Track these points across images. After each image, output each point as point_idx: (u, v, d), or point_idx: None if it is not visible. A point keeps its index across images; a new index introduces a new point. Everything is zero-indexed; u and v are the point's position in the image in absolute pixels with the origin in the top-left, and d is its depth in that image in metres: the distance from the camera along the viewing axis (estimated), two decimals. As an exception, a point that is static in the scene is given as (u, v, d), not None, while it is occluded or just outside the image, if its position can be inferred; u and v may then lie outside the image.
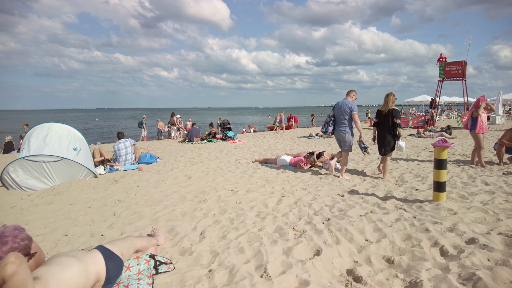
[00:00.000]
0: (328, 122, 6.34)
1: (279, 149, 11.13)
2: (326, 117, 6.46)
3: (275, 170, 7.16)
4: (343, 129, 6.12)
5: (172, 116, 19.40)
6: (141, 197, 5.19)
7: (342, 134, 6.14)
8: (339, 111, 6.12)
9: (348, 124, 6.10)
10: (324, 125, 6.43)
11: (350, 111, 6.02)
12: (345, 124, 6.10)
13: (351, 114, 6.03)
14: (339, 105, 6.15)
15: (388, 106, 5.95)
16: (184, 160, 9.07)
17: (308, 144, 12.57)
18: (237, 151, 10.83)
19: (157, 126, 20.91)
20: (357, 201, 4.66)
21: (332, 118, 6.29)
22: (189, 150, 11.65)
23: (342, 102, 6.15)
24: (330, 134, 6.43)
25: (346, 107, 6.03)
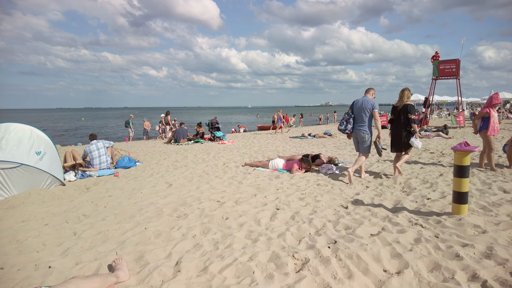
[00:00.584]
0: (347, 120, 5.93)
1: (270, 150, 10.42)
2: (344, 115, 6.09)
3: (268, 175, 6.45)
4: (363, 129, 5.77)
5: (167, 114, 18.47)
6: (111, 210, 4.41)
7: (362, 133, 5.79)
8: (359, 109, 5.77)
9: (368, 123, 5.77)
10: (343, 122, 5.99)
11: (371, 109, 5.67)
12: (365, 123, 5.76)
13: (371, 112, 5.67)
14: (359, 103, 5.79)
15: (403, 101, 5.68)
16: (166, 164, 8.28)
17: (301, 145, 11.91)
18: (226, 153, 10.08)
19: (143, 126, 20.01)
20: (364, 214, 3.99)
21: (352, 116, 5.91)
22: (174, 152, 10.85)
23: (362, 99, 5.79)
24: (349, 133, 6.03)
25: (368, 105, 5.68)
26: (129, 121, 19.75)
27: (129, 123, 19.71)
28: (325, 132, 15.04)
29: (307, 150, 10.12)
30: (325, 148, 10.64)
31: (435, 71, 19.24)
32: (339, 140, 13.31)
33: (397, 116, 5.83)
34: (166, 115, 18.35)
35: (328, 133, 14.97)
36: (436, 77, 19.39)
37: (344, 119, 6.00)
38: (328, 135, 14.62)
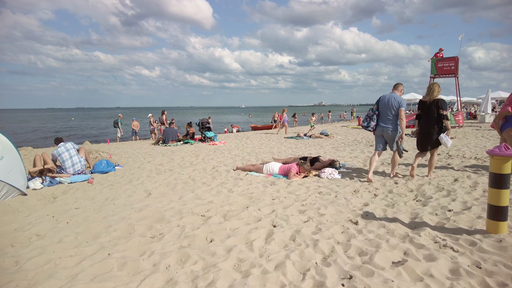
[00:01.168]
0: (371, 116, 5.70)
1: (264, 152, 9.69)
2: (368, 111, 5.85)
3: (262, 181, 5.72)
4: (389, 126, 5.52)
5: (163, 114, 17.59)
6: (74, 228, 3.63)
7: (388, 131, 5.54)
8: (385, 105, 5.52)
9: (394, 120, 5.50)
10: (366, 119, 5.78)
11: (397, 107, 5.40)
12: (391, 120, 5.50)
13: (398, 109, 5.39)
14: (385, 99, 5.53)
15: (433, 96, 5.39)
16: (149, 168, 7.50)
17: (296, 145, 11.20)
18: (216, 155, 9.32)
19: (131, 126, 19.15)
20: (379, 232, 3.29)
21: (376, 112, 5.66)
22: (160, 154, 10.05)
23: (390, 96, 5.54)
24: (372, 130, 5.78)
25: (395, 102, 5.43)
26: (118, 121, 18.98)
27: (118, 123, 18.93)
28: (322, 132, 14.37)
29: (304, 152, 9.41)
30: (323, 149, 9.94)
31: (433, 69, 18.72)
32: (336, 140, 12.63)
33: (426, 111, 5.49)
34: (162, 114, 17.46)
35: (325, 133, 14.30)
36: (434, 75, 18.87)
37: (368, 115, 5.75)
38: (325, 135, 13.95)
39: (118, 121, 18.89)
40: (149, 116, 19.04)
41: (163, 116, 17.40)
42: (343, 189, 5.07)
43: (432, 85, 5.50)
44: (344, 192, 4.94)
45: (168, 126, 14.05)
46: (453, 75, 18.30)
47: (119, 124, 18.78)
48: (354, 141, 12.08)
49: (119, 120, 19.01)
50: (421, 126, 5.62)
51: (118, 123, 18.80)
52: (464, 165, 6.77)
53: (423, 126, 5.58)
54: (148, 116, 19.14)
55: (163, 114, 17.56)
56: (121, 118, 19.33)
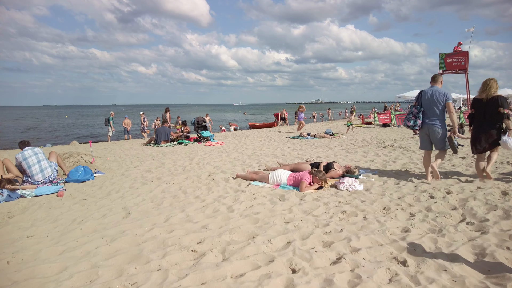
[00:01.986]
0: (415, 114, 5.29)
1: (267, 154, 8.67)
2: (410, 108, 5.50)
3: (268, 194, 4.71)
4: (437, 123, 5.13)
5: (167, 111, 16.26)
6: (12, 273, 2.60)
7: (436, 128, 5.14)
8: (429, 101, 5.15)
9: (442, 116, 5.14)
10: (410, 118, 5.36)
11: (444, 101, 5.04)
12: (438, 117, 5.12)
13: (444, 104, 5.05)
14: (428, 94, 5.16)
15: (490, 93, 4.83)
16: (135, 175, 6.46)
17: (301, 146, 10.19)
18: (213, 158, 8.29)
19: (123, 124, 18.07)
20: (442, 281, 2.30)
21: (422, 109, 5.25)
22: (150, 156, 9.00)
23: (433, 90, 5.16)
24: (418, 129, 5.37)
25: (440, 96, 5.05)
26: (109, 119, 17.87)
27: (109, 121, 17.83)
28: (327, 132, 13.37)
29: (311, 154, 8.41)
30: (332, 151, 8.94)
31: (442, 65, 17.77)
32: (344, 140, 11.63)
33: (481, 110, 4.99)
34: (165, 112, 16.16)
35: (330, 132, 13.31)
36: (442, 71, 17.91)
37: (412, 113, 5.35)
38: (330, 135, 12.95)
39: (110, 119, 17.80)
40: (140, 114, 17.96)
41: (167, 114, 16.04)
42: (370, 206, 4.07)
43: (489, 81, 4.95)
44: (373, 210, 3.95)
45: (162, 125, 12.96)
46: (462, 70, 17.37)
47: (111, 123, 17.70)
48: (363, 142, 11.09)
49: (111, 118, 17.91)
50: (476, 126, 5.14)
51: (110, 121, 17.72)
52: (501, 172, 5.80)
53: (478, 126, 5.09)
54: (140, 114, 18.06)
55: (167, 111, 16.19)
56: (113, 116, 18.22)
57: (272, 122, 25.63)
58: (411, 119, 5.37)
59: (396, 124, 18.25)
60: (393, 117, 18.38)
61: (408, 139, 11.72)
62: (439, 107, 5.10)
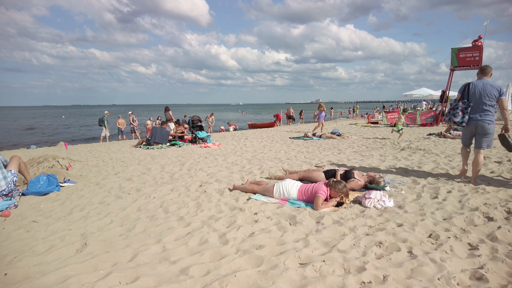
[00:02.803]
0: (464, 109, 4.73)
1: (269, 158, 7.59)
2: (453, 102, 4.99)
3: (274, 214, 3.63)
4: (487, 119, 4.65)
5: (167, 110, 14.96)
6: None
7: (486, 125, 4.65)
8: (480, 95, 4.63)
9: (492, 112, 4.67)
10: (457, 113, 4.79)
11: (497, 96, 4.57)
12: (489, 112, 4.65)
13: (498, 99, 4.58)
14: (478, 88, 4.64)
15: None
16: (112, 184, 5.36)
17: (307, 148, 9.10)
18: (207, 163, 7.20)
19: (116, 124, 17.02)
20: None
21: (470, 104, 4.67)
22: (136, 160, 7.91)
23: (483, 83, 4.66)
24: (464, 126, 4.85)
25: (493, 90, 4.57)
26: (104, 119, 16.80)
27: (104, 121, 16.76)
28: (333, 132, 12.28)
29: (320, 158, 7.33)
30: (344, 154, 7.85)
31: (454, 61, 16.66)
32: (354, 142, 10.55)
33: None
34: (165, 111, 14.89)
35: (337, 132, 12.22)
36: (454, 67, 16.81)
37: (459, 108, 4.77)
38: (337, 135, 11.87)
39: (104, 119, 16.68)
40: (129, 114, 16.93)
41: (169, 113, 14.68)
42: (412, 234, 3.00)
43: None
44: (417, 240, 2.89)
45: (161, 125, 11.81)
46: (477, 66, 16.23)
47: (105, 123, 16.57)
48: (375, 142, 10.01)
49: (105, 118, 16.77)
50: None
51: (104, 121, 16.60)
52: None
53: None
54: (129, 114, 17.03)
55: (167, 111, 14.87)
56: (108, 116, 17.10)
57: (272, 122, 24.59)
58: (458, 114, 4.80)
59: (405, 124, 17.17)
60: (402, 116, 17.28)
61: (424, 139, 10.65)
62: (492, 103, 4.64)
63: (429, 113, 17.33)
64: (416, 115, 17.27)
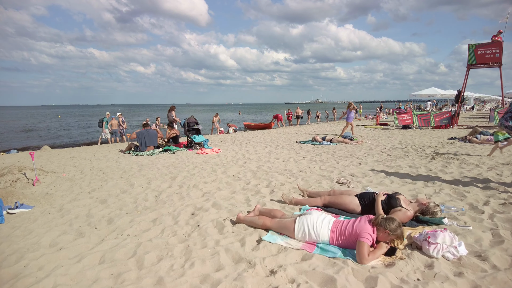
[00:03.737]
0: None
1: (278, 170, 6.38)
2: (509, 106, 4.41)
3: (300, 272, 2.42)
4: None
5: (172, 110, 13.52)
6: None
7: None
8: None
9: None
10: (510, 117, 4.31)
11: None
12: None
13: None
14: None
15: None
16: (79, 209, 4.13)
17: (320, 156, 7.89)
18: (204, 176, 5.98)
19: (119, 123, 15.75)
20: None
21: None
22: (120, 172, 6.68)
23: None
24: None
25: None
26: (104, 120, 15.47)
27: (103, 122, 15.40)
28: (345, 136, 11.07)
29: (340, 170, 6.12)
30: (366, 165, 6.64)
31: (471, 58, 15.48)
32: (370, 147, 9.35)
33: None
34: (170, 110, 13.44)
35: (349, 136, 11.02)
36: (471, 64, 15.63)
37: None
38: (349, 139, 10.67)
39: (104, 120, 15.38)
40: (118, 115, 15.67)
41: (172, 114, 13.26)
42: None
43: None
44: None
45: (144, 127, 10.56)
46: (496, 63, 15.08)
47: (104, 124, 15.28)
48: (395, 148, 8.81)
49: (106, 119, 15.47)
50: None
51: (103, 122, 15.30)
52: None
53: None
54: (118, 115, 15.77)
55: (171, 110, 13.39)
56: (109, 117, 15.76)
57: (269, 123, 23.39)
58: (510, 119, 4.51)
59: (417, 125, 15.99)
60: (414, 117, 16.09)
61: (448, 144, 9.45)
62: None
63: (444, 115, 16.12)
64: (429, 116, 16.06)
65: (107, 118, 15.68)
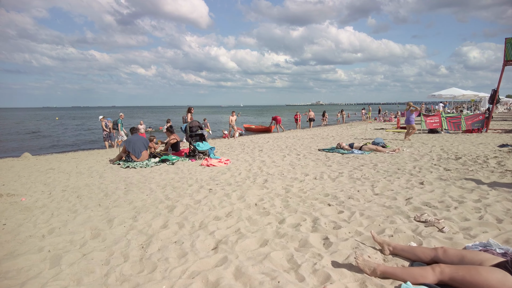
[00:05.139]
0: None
1: (318, 195, 4.64)
2: None
3: None
4: None
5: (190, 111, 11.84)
6: None
7: None
8: None
9: None
10: None
11: None
12: None
13: None
14: None
15: None
16: (3, 284, 2.46)
17: (361, 170, 6.17)
18: (214, 206, 4.24)
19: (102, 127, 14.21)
20: None
21: None
22: (101, 195, 4.96)
23: None
24: None
25: None
26: (118, 122, 14.36)
27: (118, 124, 14.33)
28: (376, 142, 9.35)
29: (405, 195, 4.39)
30: (429, 184, 4.91)
31: (509, 53, 13.75)
32: (413, 157, 7.61)
33: None
34: (188, 112, 11.80)
35: (381, 143, 9.30)
36: (508, 60, 13.90)
37: None
38: (382, 146, 8.97)
39: (119, 122, 14.32)
40: (100, 119, 14.22)
41: (188, 116, 11.56)
42: None
43: None
44: None
45: (131, 132, 8.78)
46: (539, 59, 13.32)
47: (119, 126, 14.24)
48: (446, 159, 7.06)
49: (120, 120, 14.39)
50: None
51: (118, 124, 14.27)
52: None
53: None
54: (100, 119, 14.34)
55: (189, 112, 11.69)
56: (123, 118, 14.77)
57: (269, 127, 21.69)
58: None
59: (446, 129, 14.26)
60: (443, 120, 14.35)
61: (507, 153, 7.72)
62: None
63: (476, 117, 14.38)
64: (460, 119, 14.32)
65: (121, 119, 14.60)
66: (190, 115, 11.57)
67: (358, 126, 22.21)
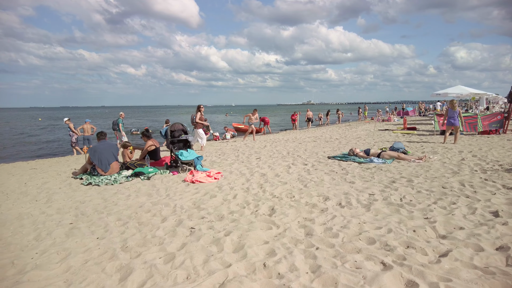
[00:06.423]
0: None
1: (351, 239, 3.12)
2: None
3: None
4: None
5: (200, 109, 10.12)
6: None
7: None
8: None
9: None
10: None
11: None
12: None
13: None
14: None
15: None
16: None
17: (395, 188, 4.66)
18: (198, 262, 2.69)
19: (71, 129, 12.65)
20: None
21: None
22: (32, 235, 3.34)
23: None
24: None
25: None
26: (119, 122, 13.55)
27: (118, 124, 13.51)
28: (396, 148, 7.85)
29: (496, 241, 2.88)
30: (506, 215, 3.42)
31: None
32: (447, 166, 6.15)
33: None
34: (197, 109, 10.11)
35: (402, 149, 7.81)
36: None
37: None
38: (403, 153, 7.50)
39: (119, 122, 13.51)
40: (65, 121, 12.78)
41: (197, 115, 9.86)
42: None
43: None
44: None
45: (97, 137, 6.97)
46: None
47: (120, 126, 13.42)
48: (493, 170, 5.61)
49: (120, 120, 13.55)
50: None
51: (119, 124, 13.45)
52: None
53: None
54: (65, 122, 12.89)
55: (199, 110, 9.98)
56: (123, 118, 13.91)
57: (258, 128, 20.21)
58: None
59: (461, 130, 12.88)
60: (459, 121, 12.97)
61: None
62: None
63: (494, 117, 13.05)
64: (477, 119, 12.96)
65: (121, 119, 13.62)
66: (199, 114, 10.00)
67: (358, 126, 20.77)
